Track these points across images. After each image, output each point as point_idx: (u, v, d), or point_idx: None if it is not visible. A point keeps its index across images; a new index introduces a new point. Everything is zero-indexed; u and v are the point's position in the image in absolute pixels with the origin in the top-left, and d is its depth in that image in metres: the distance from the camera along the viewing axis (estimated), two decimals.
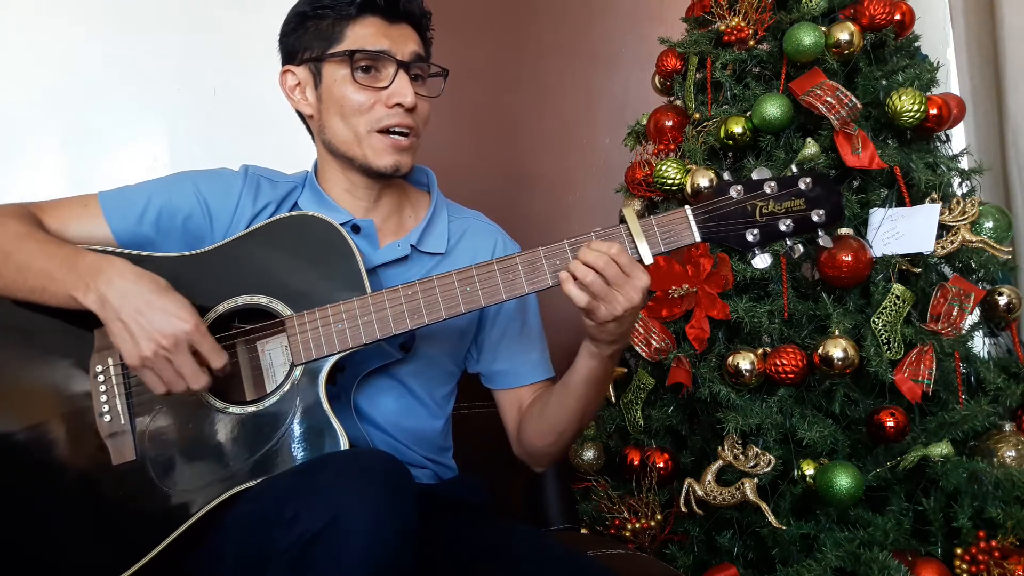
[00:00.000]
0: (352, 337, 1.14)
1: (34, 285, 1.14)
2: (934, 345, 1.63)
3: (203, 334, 1.09)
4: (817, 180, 1.14)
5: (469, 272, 1.14)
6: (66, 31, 2.07)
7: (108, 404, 1.14)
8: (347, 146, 1.26)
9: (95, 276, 1.10)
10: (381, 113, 1.23)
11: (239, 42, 2.15)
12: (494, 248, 1.38)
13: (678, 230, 1.13)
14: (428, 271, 1.31)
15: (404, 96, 1.22)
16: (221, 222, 1.27)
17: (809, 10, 1.80)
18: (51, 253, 1.14)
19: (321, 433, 1.12)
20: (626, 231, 1.13)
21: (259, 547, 0.95)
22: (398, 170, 1.26)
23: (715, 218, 1.13)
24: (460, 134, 2.41)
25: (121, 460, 1.13)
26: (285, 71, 1.30)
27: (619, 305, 1.10)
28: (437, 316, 1.14)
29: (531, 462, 1.40)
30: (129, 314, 1.08)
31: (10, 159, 2.04)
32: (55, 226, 1.22)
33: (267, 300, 1.18)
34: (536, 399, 1.35)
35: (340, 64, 1.24)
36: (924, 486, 1.61)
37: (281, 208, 1.30)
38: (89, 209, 1.24)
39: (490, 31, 2.49)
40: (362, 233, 1.28)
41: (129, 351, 1.08)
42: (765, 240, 1.13)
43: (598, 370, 1.22)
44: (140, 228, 1.24)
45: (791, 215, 1.13)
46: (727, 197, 1.13)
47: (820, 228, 1.14)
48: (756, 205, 1.13)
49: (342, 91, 1.24)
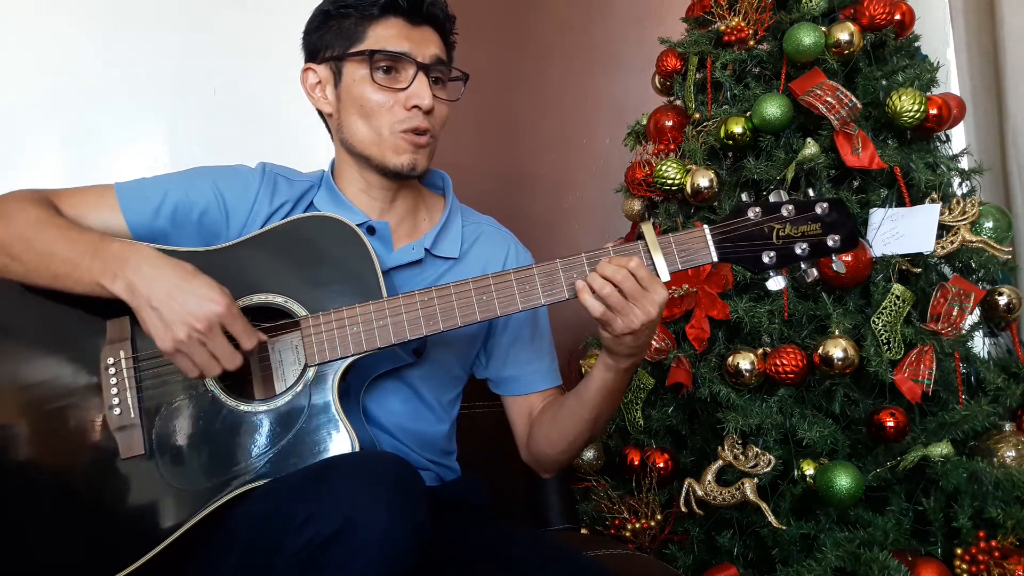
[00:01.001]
0: (367, 340, 1.14)
1: (57, 271, 1.13)
2: (934, 345, 1.63)
3: (235, 315, 1.09)
4: (834, 206, 1.15)
5: (486, 281, 1.15)
6: (66, 31, 2.07)
7: (119, 397, 1.14)
8: (364, 145, 1.26)
9: (122, 263, 1.10)
10: (400, 115, 1.23)
11: (239, 42, 2.14)
12: (506, 255, 1.38)
13: (695, 248, 1.14)
14: (441, 275, 1.31)
15: (422, 98, 1.22)
16: (237, 219, 1.26)
17: (809, 10, 1.80)
18: (74, 239, 1.14)
19: (331, 434, 1.12)
20: (644, 247, 1.14)
21: (267, 547, 0.95)
22: (414, 169, 1.26)
23: (733, 239, 1.14)
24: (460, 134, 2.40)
25: (130, 454, 1.13)
26: (307, 69, 1.30)
27: (636, 319, 1.11)
28: (452, 323, 1.14)
29: (539, 469, 1.40)
30: (160, 299, 1.07)
31: (10, 159, 2.03)
32: (72, 214, 1.21)
33: (283, 299, 1.18)
34: (547, 407, 1.35)
35: (360, 64, 1.24)
36: (924, 486, 1.61)
37: (297, 207, 1.30)
38: (106, 199, 1.23)
39: (490, 31, 2.49)
40: (377, 235, 1.28)
41: (162, 336, 1.07)
42: (780, 262, 1.14)
43: (613, 382, 1.22)
44: (156, 222, 1.23)
45: (807, 239, 1.14)
46: (745, 218, 1.14)
47: (834, 253, 1.14)
48: (773, 228, 1.14)
49: (361, 91, 1.24)
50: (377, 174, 1.28)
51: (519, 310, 1.14)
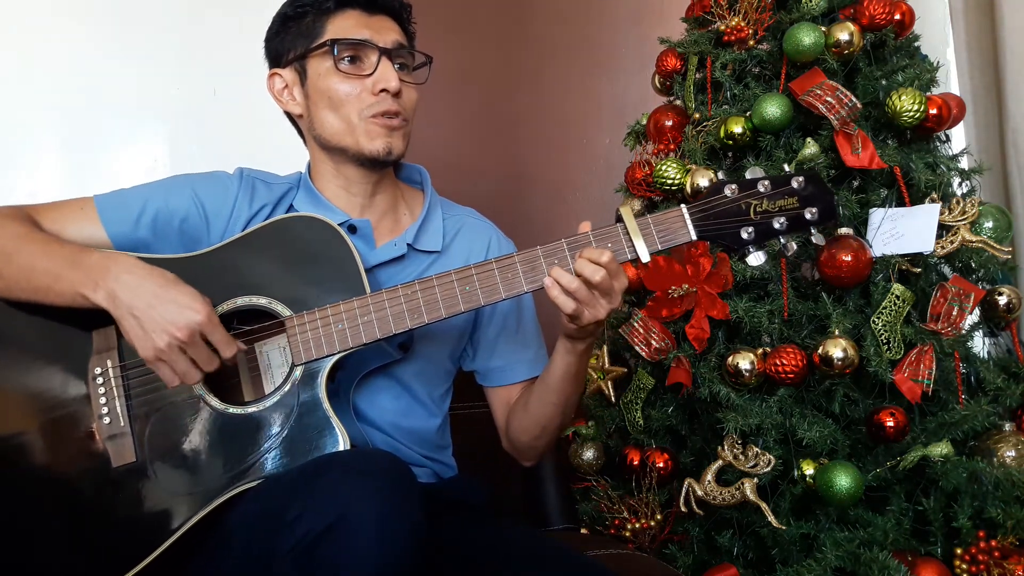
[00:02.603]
0: (352, 337, 1.14)
1: (39, 285, 1.14)
2: (934, 345, 1.63)
3: (215, 324, 1.10)
4: (809, 179, 1.15)
5: (468, 271, 1.15)
6: (66, 31, 2.07)
7: (108, 406, 1.14)
8: (338, 137, 1.26)
9: (103, 273, 1.10)
10: (369, 100, 1.24)
11: (239, 43, 2.13)
12: (488, 245, 1.38)
13: (674, 228, 1.14)
14: (425, 269, 1.31)
15: (389, 81, 1.23)
16: (218, 225, 1.27)
17: (809, 10, 1.80)
18: (54, 252, 1.14)
19: (322, 433, 1.12)
20: (623, 230, 1.14)
21: (263, 546, 0.95)
22: (390, 153, 1.26)
23: (710, 216, 1.14)
24: (460, 134, 2.41)
25: (121, 462, 1.13)
26: (272, 75, 1.31)
27: (602, 309, 1.12)
28: (437, 315, 1.14)
29: (519, 456, 1.41)
30: (141, 308, 1.08)
31: (10, 159, 2.04)
32: (52, 228, 1.22)
33: (266, 301, 1.18)
34: (521, 395, 1.36)
35: (323, 57, 1.24)
36: (924, 486, 1.61)
37: (277, 209, 1.30)
38: (85, 212, 1.24)
39: (491, 31, 2.49)
40: (358, 233, 1.28)
41: (143, 345, 1.08)
42: (759, 238, 1.15)
43: (575, 365, 1.23)
44: (136, 231, 1.24)
45: (784, 213, 1.15)
46: (722, 196, 1.14)
47: (813, 226, 1.15)
48: (750, 204, 1.14)
49: (328, 83, 1.24)
50: (355, 166, 1.28)
51: (503, 298, 1.14)
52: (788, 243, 1.16)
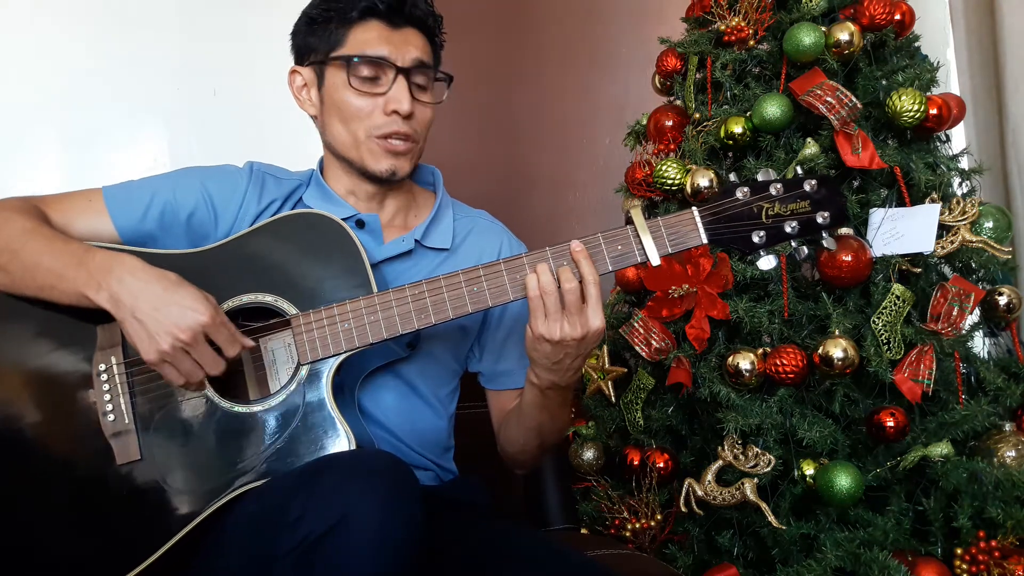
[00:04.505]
0: (359, 336, 1.14)
1: (43, 283, 1.13)
2: (934, 345, 1.63)
3: (219, 324, 1.09)
4: (822, 182, 1.14)
5: (476, 272, 1.14)
6: (66, 31, 2.07)
7: (112, 403, 1.14)
8: (345, 149, 1.26)
9: (106, 274, 1.10)
10: (379, 120, 1.23)
11: (239, 43, 2.15)
12: (500, 248, 1.38)
13: (685, 231, 1.13)
14: (434, 268, 1.31)
15: (400, 103, 1.22)
16: (226, 219, 1.26)
17: (809, 10, 1.80)
18: (59, 250, 1.14)
19: (326, 433, 1.12)
20: (633, 232, 1.13)
21: (264, 547, 0.95)
22: (394, 174, 1.26)
23: (722, 220, 1.13)
24: (461, 134, 2.41)
25: (126, 459, 1.13)
26: (293, 71, 1.31)
27: (557, 330, 1.10)
28: (444, 316, 1.14)
29: (509, 464, 1.41)
30: (144, 311, 1.07)
31: (10, 159, 2.03)
32: (60, 221, 1.21)
33: (272, 298, 1.17)
34: (513, 407, 1.35)
35: (340, 68, 1.24)
36: (924, 486, 1.61)
37: (286, 205, 1.30)
38: (93, 204, 1.23)
39: (490, 31, 2.49)
40: (367, 228, 1.28)
41: (146, 348, 1.08)
42: (771, 242, 1.13)
43: (540, 398, 1.22)
44: (144, 225, 1.23)
45: (796, 217, 1.13)
46: (733, 199, 1.13)
47: (824, 230, 1.14)
48: (762, 207, 1.13)
49: (341, 95, 1.24)
50: (359, 177, 1.29)
51: (511, 300, 1.14)
52: (799, 247, 1.15)
